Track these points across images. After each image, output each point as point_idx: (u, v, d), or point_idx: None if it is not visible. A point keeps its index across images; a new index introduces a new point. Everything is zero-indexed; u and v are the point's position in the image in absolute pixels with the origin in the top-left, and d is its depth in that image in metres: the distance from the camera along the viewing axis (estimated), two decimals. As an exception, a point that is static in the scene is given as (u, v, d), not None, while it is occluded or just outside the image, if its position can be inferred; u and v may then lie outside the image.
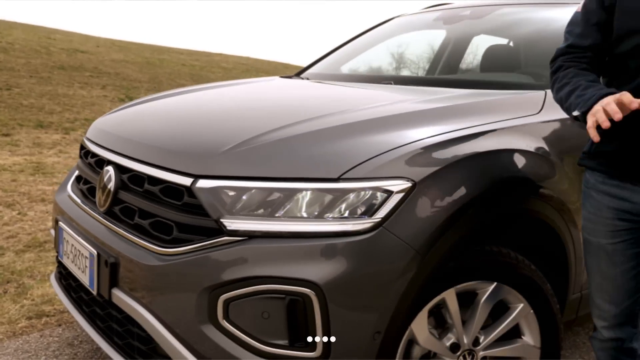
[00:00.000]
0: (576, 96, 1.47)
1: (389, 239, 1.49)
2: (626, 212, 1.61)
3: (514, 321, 1.86)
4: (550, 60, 1.66)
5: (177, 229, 1.63)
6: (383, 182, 1.51)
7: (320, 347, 1.48)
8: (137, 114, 2.33)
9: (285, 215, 1.53)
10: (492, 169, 1.75)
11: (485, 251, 1.76)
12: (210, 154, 1.66)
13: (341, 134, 1.66)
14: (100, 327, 1.91)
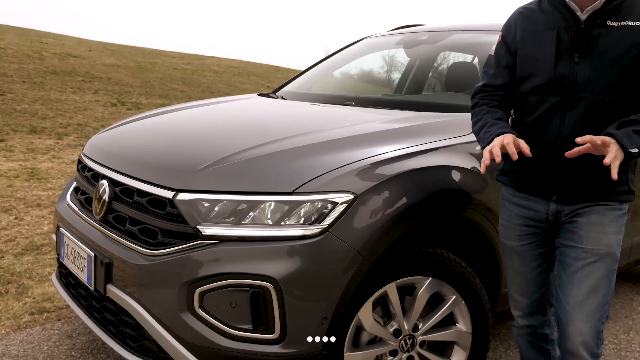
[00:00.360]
0: (484, 132, 1.81)
1: (334, 242, 1.83)
2: (531, 219, 1.95)
3: (448, 310, 2.19)
4: (471, 97, 2.00)
5: (161, 234, 1.96)
6: (329, 195, 1.85)
7: (278, 330, 1.81)
8: (128, 133, 2.66)
9: (251, 222, 1.86)
10: (427, 183, 2.09)
11: (422, 251, 2.09)
12: (188, 172, 1.99)
13: (298, 155, 2.00)
14: (97, 318, 2.24)
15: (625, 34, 1.76)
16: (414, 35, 3.47)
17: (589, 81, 1.76)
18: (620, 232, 1.86)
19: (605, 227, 1.83)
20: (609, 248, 1.83)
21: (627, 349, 3.12)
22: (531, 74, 1.84)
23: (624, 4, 1.78)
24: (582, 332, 1.85)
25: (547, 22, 1.86)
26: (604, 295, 1.85)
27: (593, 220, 1.84)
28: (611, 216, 1.84)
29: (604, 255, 1.83)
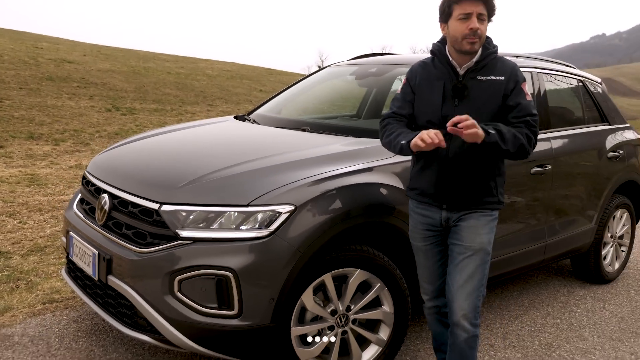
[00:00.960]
0: (403, 135, 2.40)
1: (279, 242, 2.45)
2: (430, 225, 2.57)
3: (374, 295, 2.82)
4: (380, 121, 2.61)
5: (150, 236, 2.57)
6: (275, 207, 2.47)
7: (237, 308, 2.43)
8: (123, 155, 3.27)
9: (217, 227, 2.48)
10: (356, 196, 2.71)
11: (352, 249, 2.71)
12: (170, 188, 2.61)
13: (255, 175, 2.62)
14: (99, 302, 2.84)
15: (490, 85, 2.40)
16: (364, 67, 4.09)
17: None
18: (491, 232, 2.50)
19: (479, 229, 2.46)
20: (481, 245, 2.46)
21: (540, 330, 3.75)
22: (425, 111, 2.48)
23: (489, 64, 2.42)
24: (463, 308, 2.47)
25: (437, 74, 2.49)
26: (479, 280, 2.48)
27: (471, 224, 2.47)
28: (484, 221, 2.48)
29: (478, 250, 2.46)
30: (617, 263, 4.83)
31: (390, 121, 2.56)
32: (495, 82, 2.40)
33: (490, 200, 2.49)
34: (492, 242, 2.51)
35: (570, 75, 4.41)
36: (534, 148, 2.41)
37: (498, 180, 2.51)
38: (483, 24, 2.37)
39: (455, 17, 2.37)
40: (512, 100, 2.39)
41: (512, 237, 3.58)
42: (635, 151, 4.84)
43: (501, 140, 2.29)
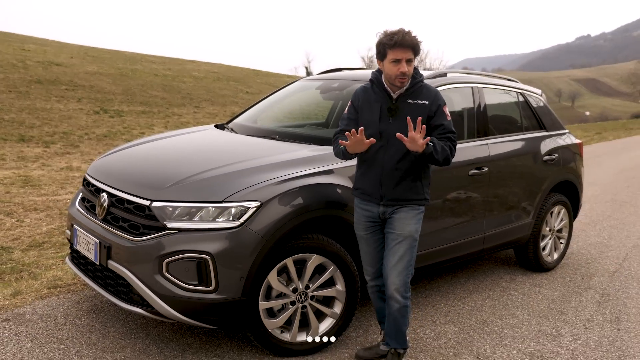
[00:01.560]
0: None
1: (247, 231, 3.04)
2: (370, 217, 3.18)
3: (329, 276, 3.41)
4: (333, 136, 3.23)
5: (142, 228, 3.15)
6: (244, 203, 3.06)
7: (214, 284, 3.01)
8: (119, 160, 3.85)
9: (198, 219, 3.06)
10: (313, 194, 3.30)
11: (308, 237, 3.31)
12: (159, 188, 3.19)
13: (229, 178, 3.20)
14: (100, 283, 3.42)
15: (417, 107, 3.02)
16: (328, 82, 4.70)
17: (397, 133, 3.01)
18: (418, 223, 3.11)
19: (408, 220, 3.08)
20: (409, 232, 3.08)
21: (478, 310, 4.36)
22: (366, 127, 3.08)
23: (416, 90, 3.04)
24: (395, 283, 3.09)
25: (375, 97, 3.11)
26: (408, 260, 3.09)
27: (401, 216, 3.09)
28: (412, 214, 3.09)
29: (407, 236, 3.07)
30: (555, 254, 5.46)
31: (339, 136, 3.18)
32: (421, 105, 3.03)
33: (417, 197, 3.10)
34: (419, 231, 3.12)
35: (509, 88, 5.03)
36: (453, 158, 3.08)
37: (424, 182, 3.13)
38: (410, 65, 3.01)
39: (388, 60, 3.00)
40: (435, 121, 3.02)
41: (452, 229, 4.19)
42: (572, 154, 5.48)
43: (435, 151, 2.93)
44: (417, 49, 2.99)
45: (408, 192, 3.08)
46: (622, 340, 3.92)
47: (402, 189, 3.08)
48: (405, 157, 3.03)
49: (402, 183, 3.07)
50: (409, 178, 3.08)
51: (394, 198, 3.09)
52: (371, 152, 3.11)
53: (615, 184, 11.14)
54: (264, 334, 3.25)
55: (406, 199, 3.09)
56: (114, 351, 3.39)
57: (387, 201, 3.11)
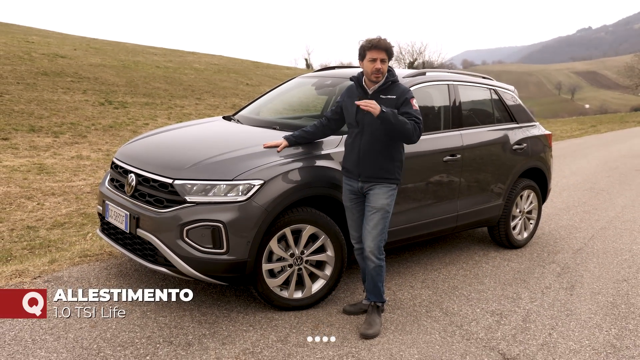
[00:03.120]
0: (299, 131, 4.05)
1: (253, 204, 3.70)
2: (352, 191, 3.87)
3: (320, 243, 4.08)
4: None
5: (166, 202, 3.81)
6: (250, 181, 3.72)
7: (226, 247, 3.67)
8: (144, 146, 4.51)
9: (212, 194, 3.72)
10: (309, 175, 3.96)
11: (304, 211, 3.97)
12: (180, 169, 3.85)
13: (238, 160, 3.86)
14: (129, 249, 4.08)
15: (387, 100, 3.72)
16: (322, 79, 5.37)
17: (370, 124, 3.71)
18: (389, 198, 3.78)
19: (381, 195, 3.76)
20: (382, 205, 3.75)
21: (452, 278, 5.03)
22: (347, 117, 3.83)
23: (389, 87, 3.73)
24: (370, 246, 3.77)
25: (356, 94, 3.82)
26: (381, 229, 3.77)
27: (375, 192, 3.77)
28: (384, 190, 3.77)
29: (379, 208, 3.75)
30: (525, 233, 6.13)
31: (322, 121, 4.05)
32: (390, 99, 3.72)
33: (389, 177, 3.78)
34: (391, 205, 3.80)
35: (483, 85, 5.69)
36: (417, 138, 3.68)
37: (396, 164, 3.81)
38: (384, 64, 3.70)
39: (367, 59, 3.71)
40: (402, 110, 3.68)
41: (429, 207, 4.86)
42: (541, 144, 6.13)
43: (393, 117, 3.52)
44: (390, 51, 3.70)
45: (381, 171, 3.76)
46: (572, 303, 4.59)
47: (376, 168, 3.76)
48: (377, 141, 3.72)
49: (376, 163, 3.75)
50: (382, 159, 3.75)
51: (369, 175, 3.77)
52: (351, 137, 3.82)
53: (597, 174, 11.71)
54: (266, 290, 3.91)
55: (379, 177, 3.76)
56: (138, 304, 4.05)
57: (364, 177, 3.78)
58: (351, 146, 3.83)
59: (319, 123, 4.08)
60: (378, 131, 3.69)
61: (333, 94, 5.27)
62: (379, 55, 3.66)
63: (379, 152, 3.73)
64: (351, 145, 3.83)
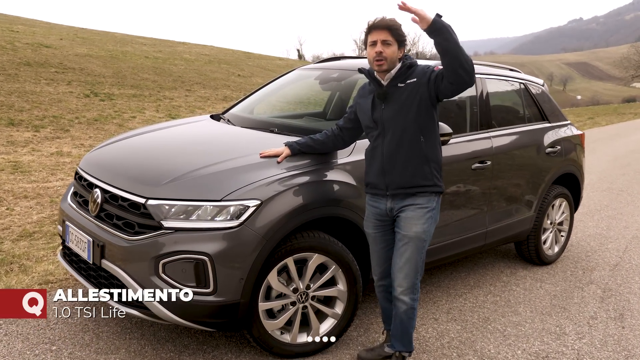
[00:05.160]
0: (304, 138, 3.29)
1: (247, 231, 2.92)
2: (378, 214, 3.07)
3: (330, 275, 3.30)
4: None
5: (138, 226, 3.02)
6: (244, 202, 2.93)
7: (212, 286, 2.90)
8: (113, 152, 3.71)
9: (195, 218, 2.93)
10: (315, 192, 3.18)
11: (310, 236, 3.19)
12: (155, 185, 3.05)
13: (227, 175, 3.07)
14: (93, 282, 3.30)
15: (406, 88, 2.94)
16: (327, 72, 4.55)
17: (391, 119, 2.94)
18: (427, 223, 2.99)
19: (415, 220, 2.97)
20: (416, 234, 2.96)
21: (480, 306, 4.28)
22: (363, 117, 3.09)
23: (405, 72, 2.97)
24: (402, 285, 2.99)
25: (370, 89, 3.09)
26: (416, 262, 2.99)
27: (408, 215, 2.98)
28: (420, 213, 2.98)
29: (414, 238, 2.96)
30: (556, 247, 5.39)
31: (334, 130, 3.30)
32: (410, 85, 2.95)
33: (426, 183, 2.99)
34: (428, 232, 3.01)
35: (512, 78, 4.92)
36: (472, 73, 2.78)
37: (432, 165, 3.01)
38: (389, 48, 2.92)
39: (368, 44, 2.97)
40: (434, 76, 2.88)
41: (455, 224, 4.09)
42: (574, 146, 5.38)
43: (449, 28, 2.66)
44: (394, 29, 2.92)
45: (413, 177, 2.97)
46: (627, 339, 3.85)
47: (407, 175, 2.97)
48: (404, 138, 2.95)
49: (406, 167, 2.97)
50: (413, 161, 2.97)
51: (399, 185, 2.99)
52: (371, 142, 3.07)
53: (610, 171, 11.12)
54: (264, 335, 3.15)
55: (412, 186, 2.98)
56: (108, 353, 3.29)
57: (392, 191, 3.00)
58: (372, 153, 3.07)
59: (330, 132, 3.31)
60: (403, 126, 2.94)
61: (339, 89, 4.48)
62: (378, 36, 2.91)
63: (407, 152, 2.96)
64: (372, 153, 3.07)
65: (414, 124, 2.92)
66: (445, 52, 2.70)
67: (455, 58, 2.70)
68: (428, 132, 2.97)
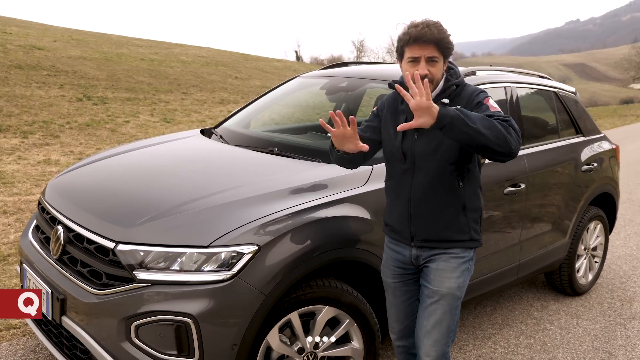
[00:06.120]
0: None
1: (241, 285, 2.33)
2: (400, 262, 2.47)
3: (343, 331, 2.72)
4: None
5: (105, 277, 2.43)
6: (237, 248, 2.34)
7: (197, 354, 2.31)
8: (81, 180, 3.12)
9: (176, 268, 2.34)
10: (324, 231, 2.59)
11: (319, 285, 2.60)
12: (128, 225, 2.47)
13: (216, 212, 2.49)
14: (54, 341, 2.70)
15: None
16: (335, 80, 3.95)
17: (425, 155, 2.32)
18: (462, 276, 2.39)
19: (448, 273, 2.37)
20: (449, 290, 2.36)
21: (513, 352, 3.69)
22: (387, 143, 2.43)
23: (452, 93, 2.34)
24: (430, 354, 2.39)
25: (401, 107, 2.42)
26: (448, 326, 2.38)
27: (440, 267, 2.38)
28: (454, 264, 2.38)
29: (446, 295, 2.36)
30: (590, 275, 4.81)
31: None
32: None
33: (461, 238, 2.38)
34: (463, 287, 2.41)
35: (544, 87, 4.33)
36: (518, 145, 2.12)
37: (470, 216, 2.40)
38: (435, 67, 2.27)
39: (405, 60, 2.30)
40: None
41: (485, 260, 3.50)
42: (609, 161, 4.81)
43: (463, 115, 2.02)
44: (444, 44, 2.25)
45: (447, 230, 2.37)
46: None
47: (439, 226, 2.37)
48: (439, 181, 2.32)
49: (438, 217, 2.36)
50: (448, 210, 2.36)
51: (428, 238, 2.39)
52: (395, 176, 2.43)
53: (626, 180, 10.57)
54: (262, 407, 2.56)
55: (445, 240, 2.38)
56: None
57: (420, 241, 2.40)
58: (396, 192, 2.45)
59: None
60: (439, 165, 2.32)
61: (349, 101, 3.89)
62: (422, 52, 2.24)
63: (441, 198, 2.35)
64: (395, 191, 2.45)
65: (453, 163, 2.31)
66: (469, 146, 2.12)
67: (483, 148, 2.09)
68: (469, 174, 2.37)
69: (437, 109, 2.00)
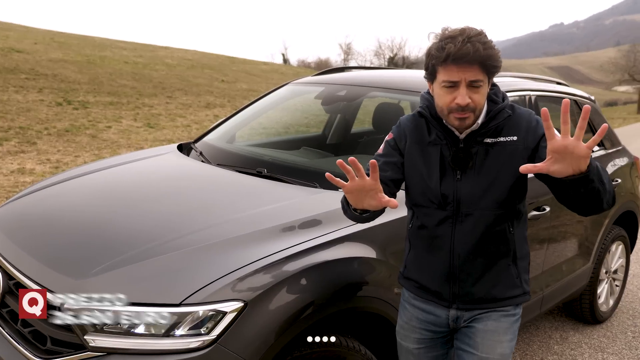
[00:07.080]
0: None
1: (223, 353, 1.83)
2: (431, 324, 1.98)
3: (349, 398, 2.22)
4: None
5: (51, 341, 1.93)
6: (217, 305, 1.84)
7: None
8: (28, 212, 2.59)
9: (140, 332, 1.84)
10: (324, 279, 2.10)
11: (319, 343, 2.11)
12: (80, 276, 1.96)
13: (189, 259, 1.99)
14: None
15: (502, 149, 1.81)
16: (332, 88, 3.45)
17: (473, 199, 1.82)
18: (514, 338, 1.94)
19: (500, 335, 1.89)
20: (502, 357, 1.89)
21: (537, 398, 3.23)
22: (417, 185, 1.89)
23: (501, 121, 1.82)
24: None
25: (431, 139, 1.89)
26: None
27: (489, 328, 1.90)
28: (506, 323, 1.91)
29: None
30: (611, 300, 4.36)
31: None
32: (507, 145, 1.82)
33: (513, 294, 1.92)
34: (512, 350, 1.93)
35: (565, 95, 3.88)
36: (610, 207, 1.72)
37: (520, 265, 1.94)
38: (478, 92, 1.75)
39: (439, 83, 1.77)
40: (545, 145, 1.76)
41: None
42: (630, 174, 4.36)
43: (600, 168, 1.63)
44: (490, 64, 1.72)
45: (498, 286, 1.89)
46: None
47: (487, 284, 1.89)
48: (490, 229, 1.84)
49: (488, 274, 1.88)
50: (499, 264, 1.89)
51: (474, 300, 1.91)
52: (429, 225, 1.91)
53: (630, 187, 10.15)
54: None
55: (496, 299, 1.90)
56: None
57: (465, 304, 1.92)
58: (429, 244, 1.94)
59: None
60: (491, 211, 1.83)
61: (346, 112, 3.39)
62: (463, 75, 1.71)
63: (492, 251, 1.87)
64: (429, 243, 1.94)
65: (504, 206, 1.84)
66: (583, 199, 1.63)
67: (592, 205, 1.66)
68: (519, 216, 1.91)
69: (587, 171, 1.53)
